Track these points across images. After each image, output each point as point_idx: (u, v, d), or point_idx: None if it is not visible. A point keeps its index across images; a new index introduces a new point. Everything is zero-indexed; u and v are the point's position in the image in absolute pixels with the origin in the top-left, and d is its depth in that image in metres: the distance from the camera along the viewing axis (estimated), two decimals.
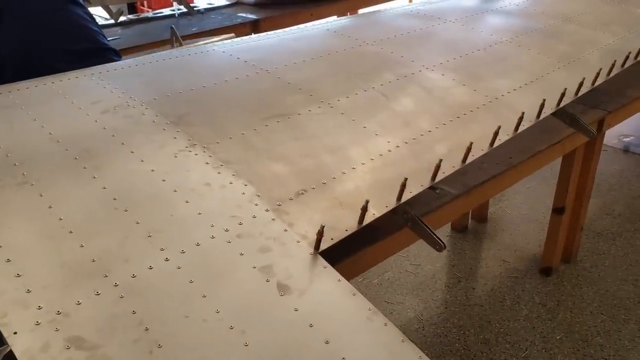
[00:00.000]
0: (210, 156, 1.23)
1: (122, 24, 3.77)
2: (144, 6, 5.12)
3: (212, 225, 1.03)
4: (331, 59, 1.77)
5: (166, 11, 4.11)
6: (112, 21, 3.66)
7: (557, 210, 2.66)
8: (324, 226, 1.01)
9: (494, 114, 1.56)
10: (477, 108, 1.57)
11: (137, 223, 1.01)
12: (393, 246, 1.58)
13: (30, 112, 1.33)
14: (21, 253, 0.92)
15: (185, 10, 4.00)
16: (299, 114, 1.44)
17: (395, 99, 1.57)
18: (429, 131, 1.43)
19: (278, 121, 1.40)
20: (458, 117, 1.52)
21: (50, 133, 1.25)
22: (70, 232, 0.97)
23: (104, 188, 1.10)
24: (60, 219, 1.00)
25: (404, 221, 1.25)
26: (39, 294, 0.84)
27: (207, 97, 1.48)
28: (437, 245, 1.24)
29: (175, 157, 1.22)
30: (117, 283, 0.88)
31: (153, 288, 0.88)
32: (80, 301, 0.84)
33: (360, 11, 5.94)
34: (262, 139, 1.32)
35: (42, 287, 0.86)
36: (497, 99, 1.63)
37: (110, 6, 3.68)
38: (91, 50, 1.83)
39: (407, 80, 1.67)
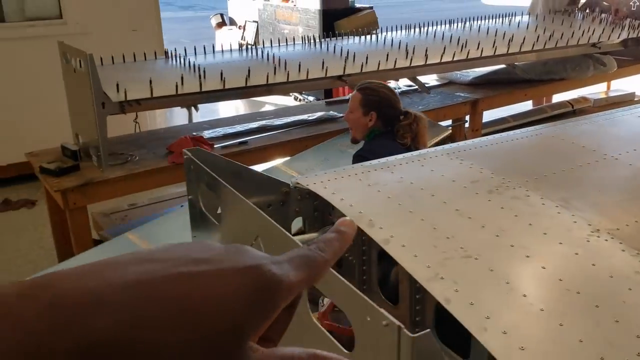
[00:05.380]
0: (620, 243, 1.24)
1: (330, 102, 4.23)
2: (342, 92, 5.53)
3: None
4: None
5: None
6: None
7: None
8: None
9: None
10: None
11: (616, 322, 0.99)
12: None
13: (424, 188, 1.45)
14: None
15: (411, 87, 4.23)
16: None
17: None
18: None
19: None
20: None
21: (457, 209, 1.34)
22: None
23: (543, 268, 1.14)
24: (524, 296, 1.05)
25: None
26: None
27: (575, 181, 1.51)
28: None
29: (588, 242, 1.24)
30: None
31: None
32: None
33: (569, 94, 5.81)
34: None
35: None
36: None
37: None
38: None
39: None
